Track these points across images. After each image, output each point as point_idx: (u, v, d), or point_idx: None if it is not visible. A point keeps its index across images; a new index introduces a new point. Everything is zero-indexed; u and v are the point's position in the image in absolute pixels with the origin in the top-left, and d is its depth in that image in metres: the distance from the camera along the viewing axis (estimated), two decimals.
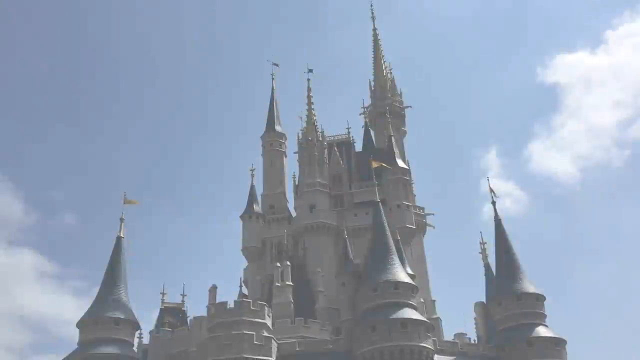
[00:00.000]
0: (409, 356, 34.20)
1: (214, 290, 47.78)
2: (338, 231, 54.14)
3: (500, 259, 43.49)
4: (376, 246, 40.08)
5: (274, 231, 56.24)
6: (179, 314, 52.25)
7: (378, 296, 37.08)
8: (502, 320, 40.93)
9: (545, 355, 38.19)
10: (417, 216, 56.36)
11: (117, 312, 38.95)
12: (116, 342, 37.90)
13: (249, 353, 34.20)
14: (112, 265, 41.32)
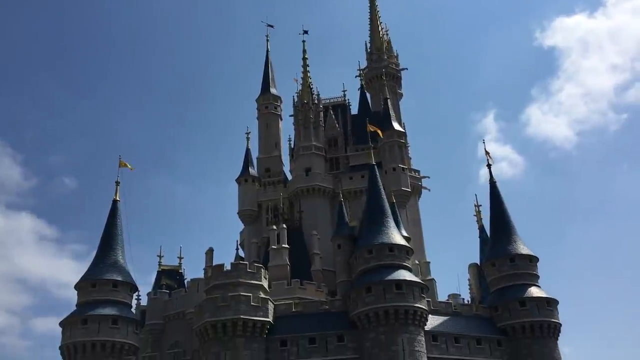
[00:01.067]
0: (403, 316, 34.68)
1: (210, 252, 48.28)
2: (334, 194, 54.34)
3: (495, 221, 43.82)
4: (371, 209, 40.26)
5: (269, 194, 56.42)
6: (176, 276, 52.83)
7: (373, 258, 37.42)
8: (495, 281, 41.51)
9: (537, 314, 38.86)
10: (413, 179, 56.51)
11: (114, 274, 39.27)
12: (114, 304, 38.29)
13: (246, 314, 34.64)
14: (108, 229, 41.46)
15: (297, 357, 35.01)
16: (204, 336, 35.08)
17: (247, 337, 34.47)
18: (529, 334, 38.42)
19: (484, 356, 37.52)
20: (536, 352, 37.95)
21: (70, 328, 37.34)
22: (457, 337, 37.49)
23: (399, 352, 33.78)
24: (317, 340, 35.49)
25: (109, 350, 36.70)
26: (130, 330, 38.16)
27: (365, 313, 35.10)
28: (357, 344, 35.31)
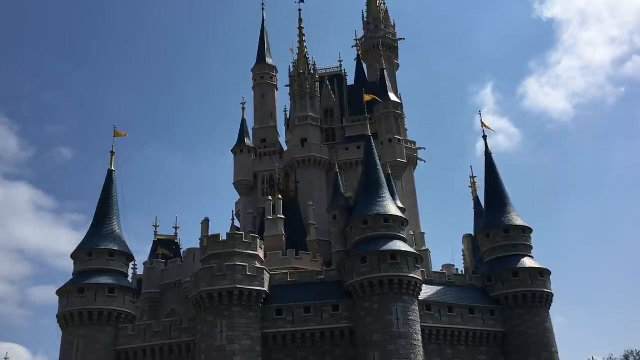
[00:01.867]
0: (397, 286, 35.03)
1: (206, 223, 48.40)
2: (329, 165, 54.39)
3: (490, 193, 43.99)
4: (367, 180, 40.33)
5: (265, 165, 56.42)
6: (172, 246, 53.11)
7: (368, 229, 37.62)
8: (489, 252, 41.87)
9: (530, 285, 39.34)
10: (409, 150, 56.51)
11: (110, 244, 39.37)
12: (111, 273, 38.50)
13: (241, 284, 34.91)
14: (104, 198, 41.42)
15: (292, 325, 35.45)
16: (200, 305, 35.41)
17: (243, 306, 34.82)
18: (521, 303, 38.93)
19: (477, 325, 38.08)
20: (528, 322, 38.53)
21: (67, 297, 37.61)
22: (451, 306, 37.97)
23: (393, 321, 34.22)
24: (312, 310, 35.88)
25: (106, 318, 37.02)
26: (127, 299, 38.46)
27: (360, 283, 35.42)
28: (352, 313, 35.73)
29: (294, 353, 35.23)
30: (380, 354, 33.52)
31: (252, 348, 34.18)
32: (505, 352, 38.41)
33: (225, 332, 34.00)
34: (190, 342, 36.16)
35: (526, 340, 38.11)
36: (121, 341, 37.11)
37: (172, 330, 37.09)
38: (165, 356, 36.59)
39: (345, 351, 35.17)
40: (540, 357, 37.66)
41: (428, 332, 36.29)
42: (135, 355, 36.88)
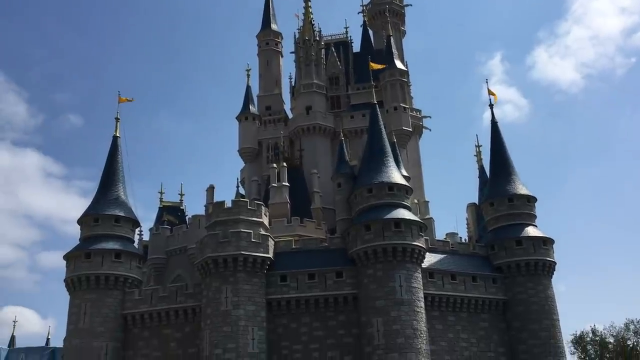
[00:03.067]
0: (401, 254, 35.27)
1: (211, 190, 48.59)
2: (334, 133, 54.24)
3: (495, 162, 43.91)
4: (372, 148, 40.25)
5: (270, 132, 56.29)
6: (177, 213, 53.42)
7: (373, 197, 37.71)
8: (493, 220, 42.00)
9: (533, 253, 39.56)
10: (414, 118, 56.21)
11: (116, 210, 39.67)
12: (117, 239, 38.90)
13: (246, 250, 35.22)
14: (109, 165, 41.59)
15: (296, 292, 35.87)
16: (205, 271, 35.81)
17: (248, 272, 35.21)
18: (524, 272, 39.22)
19: (479, 293, 38.45)
20: (530, 290, 38.88)
21: (74, 261, 38.08)
22: (454, 274, 38.29)
23: (396, 288, 34.56)
24: (316, 276, 36.24)
25: (113, 283, 37.53)
26: (134, 264, 38.91)
27: (364, 250, 35.67)
28: (356, 280, 36.08)
29: (298, 318, 35.74)
30: (383, 320, 33.96)
31: (256, 313, 34.67)
32: (506, 320, 38.88)
33: (230, 298, 34.45)
34: (195, 307, 36.69)
35: (528, 307, 38.50)
36: (128, 305, 37.69)
37: (178, 295, 37.61)
38: (171, 320, 37.19)
39: (348, 317, 35.65)
40: (542, 324, 38.10)
41: (431, 299, 36.68)
42: (142, 319, 37.49)
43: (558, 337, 38.45)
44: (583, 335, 66.97)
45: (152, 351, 36.87)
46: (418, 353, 33.44)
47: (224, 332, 33.71)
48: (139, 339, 37.33)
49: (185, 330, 36.86)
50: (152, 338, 37.16)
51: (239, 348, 33.35)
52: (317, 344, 35.14)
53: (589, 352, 66.25)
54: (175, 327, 37.11)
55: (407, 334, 33.58)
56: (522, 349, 37.77)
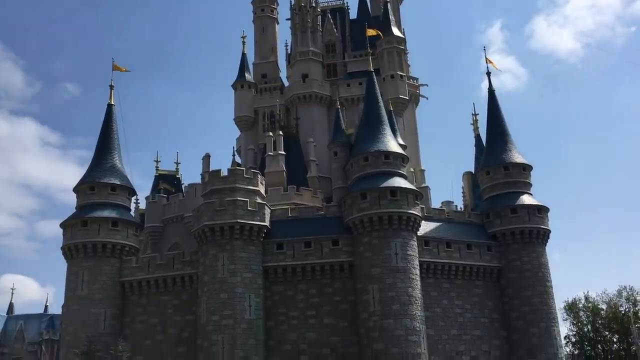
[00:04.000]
0: (397, 222, 35.45)
1: (207, 158, 48.53)
2: (331, 101, 53.95)
3: (491, 130, 43.84)
4: (368, 116, 40.07)
5: (266, 101, 55.90)
6: (173, 181, 53.41)
7: (369, 165, 37.71)
8: (489, 189, 42.14)
9: (527, 221, 39.82)
10: (411, 87, 55.88)
11: (112, 178, 39.62)
12: (113, 207, 38.94)
13: (243, 218, 35.33)
14: (104, 133, 41.37)
15: (292, 259, 36.13)
16: (202, 239, 35.97)
17: (244, 241, 35.39)
18: (518, 239, 39.53)
19: (474, 260, 38.80)
20: (524, 257, 39.26)
21: (71, 229, 38.17)
22: (449, 242, 38.57)
23: (391, 256, 34.84)
24: (312, 244, 36.46)
25: (110, 251, 37.71)
26: (130, 232, 39.04)
27: (360, 219, 35.82)
28: (352, 247, 36.33)
29: (295, 286, 36.08)
30: (379, 287, 34.31)
31: (253, 280, 34.97)
32: (500, 287, 39.34)
33: (227, 265, 34.70)
34: (193, 275, 36.98)
35: (522, 275, 38.92)
36: (125, 273, 37.96)
37: (175, 262, 37.87)
38: (169, 288, 37.51)
39: (344, 284, 36.00)
40: (535, 291, 38.57)
41: (426, 267, 37.02)
42: (140, 287, 37.80)
43: (551, 303, 38.96)
44: (576, 301, 67.99)
45: (149, 318, 37.27)
46: (413, 319, 33.89)
47: (221, 299, 34.05)
48: (137, 306, 37.69)
49: (183, 297, 37.21)
50: (149, 305, 37.52)
51: (235, 315, 33.73)
52: (313, 310, 35.56)
53: (581, 318, 67.32)
54: (173, 294, 37.45)
55: (402, 301, 33.98)
56: (515, 315, 38.32)
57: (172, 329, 36.64)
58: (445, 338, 36.49)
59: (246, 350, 33.23)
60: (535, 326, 37.77)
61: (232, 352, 32.96)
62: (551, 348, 37.53)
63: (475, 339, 37.33)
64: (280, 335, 35.03)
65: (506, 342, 38.05)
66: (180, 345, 36.11)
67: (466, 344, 36.91)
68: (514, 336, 37.99)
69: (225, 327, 33.46)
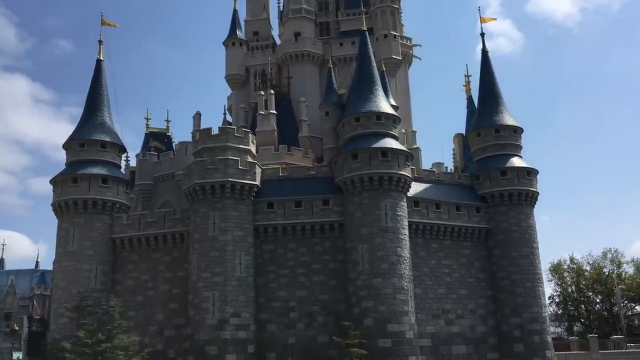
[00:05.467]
0: (387, 183, 35.62)
1: (198, 117, 48.23)
2: (323, 60, 53.41)
3: (484, 92, 43.70)
4: (361, 76, 39.77)
5: (258, 59, 55.21)
6: (164, 139, 53.16)
7: (360, 126, 37.64)
8: (479, 151, 42.29)
9: (517, 183, 40.14)
10: (404, 47, 55.34)
11: (102, 134, 39.36)
12: (103, 164, 38.80)
13: (234, 177, 35.36)
14: (93, 89, 40.84)
15: (283, 219, 36.36)
16: (193, 197, 36.05)
17: (235, 199, 35.50)
18: (507, 201, 39.92)
19: (463, 221, 39.23)
20: (512, 219, 39.73)
21: (61, 186, 38.08)
22: (438, 203, 38.88)
23: (381, 216, 35.14)
24: (303, 204, 36.65)
25: (100, 207, 37.73)
26: (121, 189, 39.02)
27: (351, 179, 35.96)
28: (342, 207, 36.56)
29: (285, 244, 36.41)
30: (368, 246, 34.72)
31: (244, 239, 35.23)
32: (488, 247, 39.91)
33: (218, 224, 34.89)
34: (184, 232, 37.19)
35: (509, 236, 39.46)
36: (116, 230, 38.10)
37: (166, 220, 38.00)
38: (160, 245, 37.75)
39: (334, 243, 36.39)
40: (521, 252, 39.19)
41: (415, 227, 37.40)
42: (131, 244, 38.00)
43: (537, 264, 39.65)
44: (561, 263, 69.27)
45: (141, 274, 37.60)
46: (401, 278, 34.44)
47: (212, 257, 34.36)
48: (128, 262, 37.98)
49: (174, 255, 37.50)
50: (141, 262, 37.82)
51: (226, 272, 34.11)
52: (303, 269, 36.00)
53: (565, 279, 68.72)
54: (164, 251, 37.72)
55: (391, 260, 34.45)
56: (502, 275, 39.00)
57: (163, 285, 37.04)
58: (432, 297, 37.17)
59: (236, 307, 33.73)
60: (520, 286, 38.51)
61: (222, 309, 33.45)
62: (535, 307, 38.38)
63: (461, 297, 38.06)
64: (270, 293, 35.53)
65: (492, 301, 38.85)
66: (171, 301, 36.57)
67: (453, 303, 37.65)
68: (500, 295, 38.77)
69: (216, 284, 33.86)
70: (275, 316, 35.14)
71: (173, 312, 36.25)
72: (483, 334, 37.95)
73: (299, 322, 35.05)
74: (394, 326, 33.41)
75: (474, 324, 37.87)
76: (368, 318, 33.64)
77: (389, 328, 33.34)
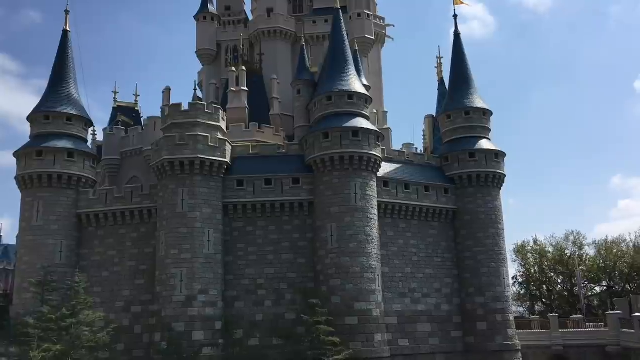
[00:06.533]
0: (357, 162, 35.72)
1: (168, 92, 47.46)
2: (296, 38, 53.00)
3: (455, 74, 43.94)
4: (333, 55, 39.56)
5: (229, 35, 54.53)
6: (132, 114, 52.27)
7: (332, 105, 37.54)
8: (449, 132, 42.67)
9: (484, 166, 40.69)
10: (377, 27, 55.21)
11: (68, 107, 38.43)
12: (69, 137, 37.92)
13: (203, 154, 34.99)
14: (59, 61, 39.67)
15: (253, 196, 36.23)
16: (161, 173, 35.62)
17: (205, 176, 35.19)
18: (474, 183, 40.48)
19: (431, 202, 39.68)
20: (479, 200, 40.35)
21: (25, 159, 37.18)
22: (407, 183, 39.21)
23: (351, 196, 35.28)
24: (273, 182, 36.54)
25: (66, 182, 37.02)
26: (87, 164, 38.29)
27: (322, 158, 35.95)
28: (312, 186, 36.59)
29: (254, 222, 36.33)
30: (337, 225, 34.89)
31: (213, 216, 35.03)
32: (455, 228, 40.50)
33: (186, 200, 34.58)
34: (151, 208, 36.79)
35: (476, 217, 40.08)
36: (82, 205, 37.48)
37: (134, 196, 37.51)
38: (127, 221, 37.29)
39: (303, 222, 36.45)
40: (487, 233, 39.89)
41: (384, 207, 37.69)
42: (97, 219, 37.46)
43: (502, 245, 40.42)
44: (525, 244, 70.81)
45: (107, 250, 37.14)
46: (369, 257, 34.77)
47: (180, 234, 34.11)
48: (94, 238, 37.46)
49: (141, 231, 37.10)
50: (107, 237, 37.33)
51: (194, 249, 33.93)
52: (272, 246, 36.02)
53: (529, 260, 70.33)
54: (131, 227, 37.27)
55: (360, 239, 34.72)
56: (468, 255, 39.68)
57: (130, 261, 36.68)
58: (399, 276, 37.65)
59: (204, 284, 33.65)
60: (485, 266, 39.27)
61: (190, 285, 33.34)
62: (499, 287, 39.22)
63: (428, 277, 38.65)
64: (239, 270, 35.52)
65: (457, 281, 39.55)
66: (138, 277, 36.26)
67: (419, 282, 38.22)
68: (465, 275, 39.48)
69: (184, 260, 33.67)
70: (244, 293, 35.18)
71: (140, 288, 35.98)
72: (448, 312, 38.68)
73: (266, 300, 35.16)
74: (361, 304, 33.80)
75: (439, 302, 38.56)
76: (336, 296, 33.95)
77: (356, 306, 33.71)
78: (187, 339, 32.28)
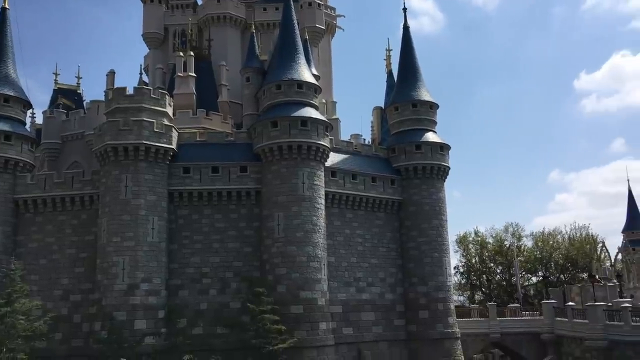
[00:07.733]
0: (306, 152, 35.75)
1: (112, 75, 46.08)
2: (246, 25, 52.40)
3: (403, 67, 44.46)
4: (283, 44, 39.35)
5: (178, 18, 53.42)
6: (74, 97, 50.48)
7: (281, 93, 37.36)
8: (396, 124, 43.24)
9: (430, 158, 41.48)
10: (328, 17, 55.24)
11: (5, 88, 36.82)
12: (6, 120, 36.37)
13: (148, 139, 34.23)
14: None
15: (199, 184, 35.75)
16: (104, 159, 34.67)
17: (150, 163, 34.46)
18: (420, 174, 41.22)
19: (377, 193, 40.18)
20: (424, 192, 41.14)
21: None
22: (355, 174, 39.54)
23: (298, 185, 35.31)
24: (220, 170, 36.16)
25: (2, 166, 35.59)
26: (25, 147, 36.88)
27: (270, 147, 35.78)
28: (259, 175, 36.40)
29: (200, 210, 35.89)
30: (284, 214, 34.88)
31: (157, 203, 34.38)
32: (400, 218, 41.17)
33: (130, 187, 33.80)
34: (93, 195, 35.82)
35: (420, 208, 40.86)
36: (19, 190, 36.14)
37: (74, 182, 36.42)
38: (67, 207, 36.19)
39: (250, 210, 36.26)
40: (431, 224, 40.74)
41: (331, 197, 37.91)
42: (35, 205, 36.18)
43: (444, 236, 41.38)
44: (466, 235, 72.82)
45: (45, 236, 35.96)
46: (315, 246, 34.94)
47: (123, 221, 33.34)
48: (32, 224, 36.20)
49: (82, 217, 36.08)
50: (46, 224, 36.13)
51: (138, 237, 33.25)
52: (218, 235, 35.69)
53: (470, 250, 72.40)
54: (71, 213, 36.20)
55: (307, 229, 34.82)
56: (412, 245, 40.44)
57: (70, 249, 35.61)
58: (345, 265, 38.03)
59: (147, 272, 33.05)
60: (428, 256, 40.13)
61: (132, 274, 32.68)
62: (441, 277, 40.19)
63: (373, 266, 39.20)
64: (183, 259, 35.05)
65: (401, 270, 40.28)
66: (78, 265, 35.28)
67: (364, 271, 38.72)
68: (409, 265, 40.25)
69: (126, 248, 32.96)
70: (188, 282, 34.77)
71: (79, 277, 35.03)
72: (391, 301, 39.37)
73: (211, 288, 34.87)
74: (306, 293, 33.97)
75: (383, 291, 39.19)
76: (281, 285, 34.00)
77: (302, 295, 33.86)
78: (129, 328, 31.70)
